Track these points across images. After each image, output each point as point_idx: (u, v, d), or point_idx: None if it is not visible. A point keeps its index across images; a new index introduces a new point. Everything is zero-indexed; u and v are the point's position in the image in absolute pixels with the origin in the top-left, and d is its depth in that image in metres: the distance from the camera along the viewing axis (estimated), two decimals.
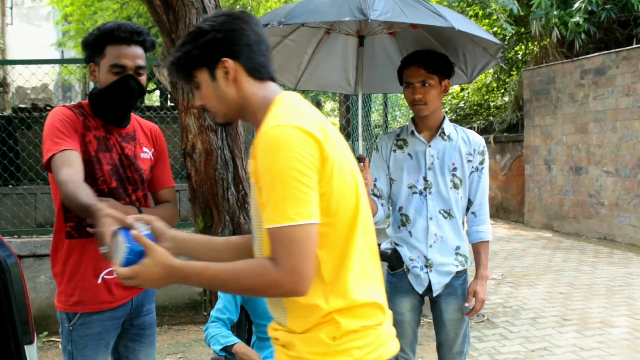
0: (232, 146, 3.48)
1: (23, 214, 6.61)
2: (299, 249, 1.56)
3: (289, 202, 1.56)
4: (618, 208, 10.51)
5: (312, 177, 1.59)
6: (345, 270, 1.70)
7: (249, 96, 1.78)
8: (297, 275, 1.57)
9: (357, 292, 1.71)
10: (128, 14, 14.98)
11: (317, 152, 1.61)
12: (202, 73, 1.80)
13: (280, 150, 1.58)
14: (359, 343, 1.70)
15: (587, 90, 11.14)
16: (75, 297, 2.54)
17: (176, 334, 5.80)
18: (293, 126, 1.61)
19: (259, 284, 1.60)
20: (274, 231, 1.58)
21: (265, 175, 1.60)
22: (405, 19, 2.62)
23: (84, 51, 2.58)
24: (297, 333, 1.73)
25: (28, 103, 10.90)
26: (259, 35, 1.79)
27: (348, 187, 1.70)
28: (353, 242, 1.71)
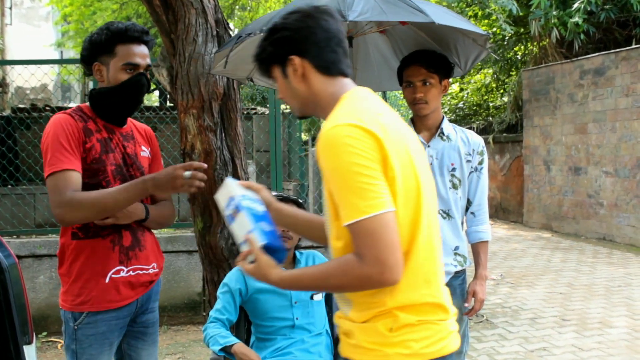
0: (232, 146, 3.48)
1: (22, 214, 6.60)
2: (378, 238, 1.59)
3: (357, 196, 1.60)
4: (617, 208, 10.52)
5: (375, 168, 1.62)
6: (409, 268, 1.71)
7: (319, 92, 1.83)
8: (381, 264, 1.60)
9: (419, 291, 1.74)
10: (127, 14, 14.98)
11: (376, 147, 1.64)
12: (276, 69, 1.88)
13: (338, 148, 1.62)
14: (416, 336, 1.72)
15: (587, 91, 11.14)
16: (82, 297, 2.55)
17: (175, 334, 5.80)
18: (350, 124, 1.64)
19: (349, 281, 1.65)
20: (352, 227, 1.62)
21: (331, 176, 1.66)
22: (385, 17, 2.63)
23: (88, 51, 2.59)
24: (356, 322, 1.76)
25: (27, 103, 10.90)
26: (328, 32, 1.82)
27: (410, 185, 1.72)
28: (417, 240, 1.73)
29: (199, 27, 3.33)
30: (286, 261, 3.11)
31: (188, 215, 4.04)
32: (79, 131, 2.52)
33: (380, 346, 1.72)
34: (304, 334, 3.03)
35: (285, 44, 1.83)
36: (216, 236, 3.41)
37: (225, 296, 3.02)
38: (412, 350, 1.71)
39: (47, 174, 2.43)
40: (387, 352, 1.71)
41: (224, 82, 3.39)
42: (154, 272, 2.73)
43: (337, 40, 1.84)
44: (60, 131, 2.47)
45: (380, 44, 3.37)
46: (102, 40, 2.54)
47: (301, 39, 1.82)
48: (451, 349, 1.80)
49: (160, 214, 2.74)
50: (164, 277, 5.88)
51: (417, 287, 1.73)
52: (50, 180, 2.43)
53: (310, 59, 1.82)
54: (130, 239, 2.62)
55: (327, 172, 1.67)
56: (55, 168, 2.42)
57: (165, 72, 3.56)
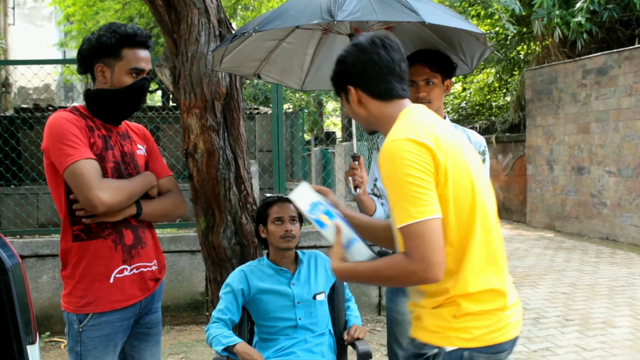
0: (234, 146, 3.48)
1: (25, 214, 6.62)
2: (424, 241, 1.81)
3: (409, 203, 1.84)
4: (620, 208, 10.50)
5: (426, 179, 1.86)
6: (466, 261, 1.94)
7: (377, 115, 2.12)
8: (426, 263, 1.81)
9: (478, 281, 1.95)
10: (130, 14, 15.00)
11: (430, 159, 1.88)
12: (342, 94, 2.21)
13: (395, 160, 1.88)
14: (476, 324, 1.95)
15: (589, 90, 11.12)
16: (86, 299, 2.55)
17: (178, 334, 5.80)
18: (406, 139, 1.89)
19: (397, 275, 1.90)
20: (403, 230, 1.85)
21: (387, 184, 1.91)
22: (375, 16, 2.63)
23: (91, 51, 2.60)
24: (427, 308, 2.00)
25: (30, 103, 10.92)
26: (380, 65, 2.08)
27: (464, 187, 1.94)
28: (473, 236, 1.95)
29: (202, 27, 3.34)
30: (288, 260, 3.11)
31: (191, 215, 4.05)
32: (84, 126, 2.54)
33: (443, 329, 1.96)
34: (307, 334, 3.03)
35: (343, 76, 2.16)
36: (219, 236, 3.41)
37: (227, 296, 3.03)
38: (472, 335, 1.94)
39: (68, 163, 2.42)
40: (449, 335, 1.95)
41: (226, 81, 3.39)
42: (157, 269, 2.74)
43: (387, 71, 2.08)
44: (68, 125, 2.49)
45: None
46: (111, 43, 2.56)
47: (355, 72, 2.11)
48: (508, 337, 2.00)
49: (158, 207, 2.73)
50: (166, 277, 5.87)
51: (475, 276, 1.95)
52: (73, 168, 2.42)
53: (363, 89, 2.11)
54: (132, 237, 2.62)
55: (385, 181, 1.91)
56: (77, 157, 2.43)
57: (167, 71, 3.56)
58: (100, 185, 2.43)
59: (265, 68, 3.42)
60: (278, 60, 3.39)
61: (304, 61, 3.49)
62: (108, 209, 2.47)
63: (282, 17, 2.76)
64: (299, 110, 14.86)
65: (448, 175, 1.89)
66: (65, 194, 2.52)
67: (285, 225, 3.06)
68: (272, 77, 3.53)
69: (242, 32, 2.86)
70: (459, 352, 1.95)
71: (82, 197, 2.44)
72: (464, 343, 1.94)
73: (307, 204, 2.17)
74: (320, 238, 6.08)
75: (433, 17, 2.67)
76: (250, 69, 3.40)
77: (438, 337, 1.97)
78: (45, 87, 11.92)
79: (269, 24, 2.75)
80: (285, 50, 3.36)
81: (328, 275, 3.18)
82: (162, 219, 2.79)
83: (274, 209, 3.09)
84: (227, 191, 3.39)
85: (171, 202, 2.78)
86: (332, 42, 3.39)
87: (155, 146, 2.90)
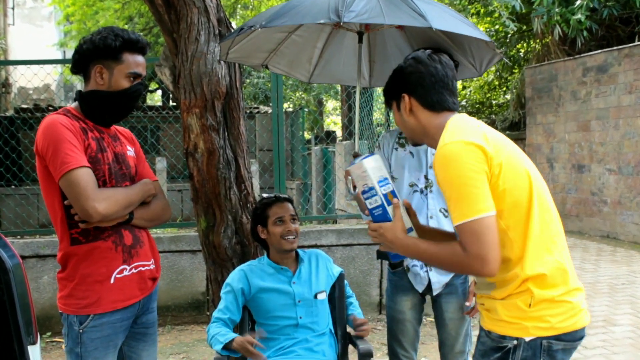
0: (235, 146, 3.48)
1: (26, 214, 6.62)
2: (480, 238, 1.95)
3: (464, 203, 1.97)
4: (621, 206, 10.50)
5: (479, 178, 1.98)
6: (529, 244, 2.04)
7: (426, 125, 2.24)
8: (481, 260, 1.95)
9: (544, 261, 2.05)
10: (129, 13, 15.00)
11: (482, 156, 2.00)
12: (394, 103, 2.33)
13: (450, 162, 2.00)
14: (552, 312, 2.03)
15: (590, 88, 11.12)
16: (87, 300, 2.55)
17: (179, 333, 5.81)
18: (457, 141, 2.02)
19: (453, 265, 2.09)
20: (459, 227, 1.98)
21: (443, 185, 2.03)
22: (383, 19, 2.63)
23: (90, 51, 2.61)
24: (498, 299, 2.08)
25: (30, 103, 10.93)
26: (435, 77, 2.22)
27: (520, 177, 2.06)
28: (532, 219, 2.05)
29: (201, 26, 3.34)
30: (289, 259, 3.11)
31: (191, 215, 4.06)
32: (78, 130, 2.54)
33: (520, 320, 2.03)
34: (308, 333, 3.03)
35: (399, 84, 2.28)
36: (220, 235, 3.41)
37: (227, 296, 3.03)
38: (549, 324, 2.02)
39: (64, 171, 2.42)
40: (526, 325, 2.02)
41: (226, 81, 3.39)
42: (154, 268, 2.75)
43: (442, 84, 2.22)
44: (64, 130, 2.48)
45: (398, 38, 3.37)
46: (115, 46, 2.59)
47: (412, 81, 2.23)
48: (583, 324, 2.08)
49: (148, 212, 2.75)
50: (167, 276, 5.89)
51: (540, 257, 2.04)
52: (70, 177, 2.42)
53: (416, 97, 2.22)
54: (130, 237, 2.64)
55: (442, 183, 2.04)
56: (73, 165, 2.43)
57: (167, 71, 3.56)
58: (97, 195, 2.44)
59: (273, 59, 3.42)
60: (287, 52, 3.40)
61: (313, 54, 3.48)
62: (103, 219, 2.49)
63: (289, 14, 2.75)
64: (299, 109, 14.87)
65: (502, 167, 2.01)
66: (61, 199, 2.52)
67: (287, 225, 3.06)
68: (279, 69, 3.54)
69: (249, 25, 2.86)
70: (538, 341, 2.03)
71: (79, 207, 2.45)
72: (541, 332, 2.03)
73: (378, 176, 2.26)
74: (320, 237, 6.08)
75: (441, 22, 2.65)
76: (258, 59, 3.41)
77: (516, 328, 2.04)
78: (45, 87, 11.93)
79: (275, 20, 2.74)
80: (294, 42, 3.35)
81: (329, 274, 3.18)
82: (150, 224, 2.79)
83: (274, 209, 3.08)
84: (227, 190, 3.39)
85: (159, 207, 2.81)
86: (342, 37, 3.39)
87: (142, 151, 2.93)
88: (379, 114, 9.53)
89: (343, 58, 3.53)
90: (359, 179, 2.29)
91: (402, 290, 3.21)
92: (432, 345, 5.10)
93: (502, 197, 2.01)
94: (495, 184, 2.00)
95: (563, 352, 2.07)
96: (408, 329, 3.22)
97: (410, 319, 3.21)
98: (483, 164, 1.99)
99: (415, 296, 3.19)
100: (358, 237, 6.18)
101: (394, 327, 3.25)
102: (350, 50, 3.49)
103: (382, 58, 3.49)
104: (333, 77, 3.77)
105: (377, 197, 2.25)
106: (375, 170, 2.27)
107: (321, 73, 3.60)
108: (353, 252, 6.19)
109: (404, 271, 3.18)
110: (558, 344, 2.05)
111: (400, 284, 3.20)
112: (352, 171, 2.32)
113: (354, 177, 2.32)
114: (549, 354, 2.05)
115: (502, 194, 2.01)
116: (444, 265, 2.20)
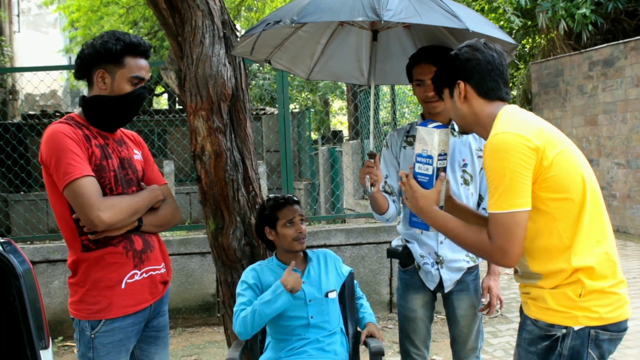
0: (242, 147, 3.48)
1: (35, 220, 6.65)
2: (507, 232, 2.04)
3: (504, 194, 2.03)
4: (630, 200, 10.45)
5: (524, 173, 2.03)
6: (580, 235, 2.09)
7: (478, 112, 2.25)
8: (503, 252, 2.06)
9: (592, 252, 2.09)
10: (134, 18, 15.04)
11: (533, 152, 2.04)
12: (446, 90, 2.33)
13: (500, 152, 2.05)
14: (601, 302, 2.08)
15: (596, 82, 11.08)
16: (99, 305, 2.56)
17: (190, 335, 5.82)
18: (511, 132, 2.06)
19: (476, 248, 2.18)
20: (492, 216, 2.07)
21: (489, 171, 2.09)
22: (420, 19, 2.60)
23: (92, 56, 2.60)
24: (546, 289, 2.12)
25: (37, 110, 10.98)
26: (492, 64, 2.23)
27: (574, 169, 2.11)
28: (584, 213, 2.10)
29: (206, 29, 3.34)
30: (297, 259, 3.11)
31: (200, 217, 4.06)
32: (81, 138, 2.54)
33: (569, 309, 2.08)
34: (319, 333, 3.03)
35: (455, 71, 2.27)
36: (229, 237, 3.41)
37: (247, 291, 3.02)
38: (598, 314, 2.07)
39: (68, 181, 2.43)
40: (575, 315, 2.07)
41: (232, 83, 3.40)
42: (165, 272, 2.76)
43: (498, 72, 2.24)
44: (66, 139, 2.48)
45: (403, 37, 3.36)
46: (116, 50, 2.58)
47: (468, 68, 2.23)
48: (627, 315, 2.14)
49: (157, 218, 2.75)
50: (177, 279, 5.90)
51: (590, 249, 2.09)
52: (74, 187, 2.43)
53: (472, 84, 2.24)
54: (141, 242, 2.64)
55: (487, 169, 2.09)
56: (76, 175, 2.44)
57: (173, 74, 3.56)
58: (101, 204, 2.45)
59: (277, 54, 3.42)
60: (291, 47, 3.39)
61: (315, 50, 3.48)
62: (108, 227, 2.49)
63: (322, 10, 2.70)
64: (305, 110, 14.87)
65: (555, 161, 2.06)
66: (69, 207, 2.53)
67: (297, 227, 3.05)
68: (281, 64, 3.53)
69: (275, 20, 2.82)
70: (586, 330, 2.08)
71: (83, 217, 2.46)
72: (590, 322, 2.07)
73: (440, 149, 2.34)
74: (329, 237, 6.08)
75: (474, 24, 2.64)
76: (263, 54, 3.40)
77: (565, 317, 2.09)
78: (51, 93, 11.97)
79: (308, 16, 2.69)
80: (299, 38, 3.35)
81: (338, 274, 3.17)
82: (160, 229, 2.80)
83: (284, 212, 3.08)
84: (235, 192, 3.39)
85: (168, 212, 2.80)
86: (346, 34, 3.38)
87: (150, 154, 2.93)
88: (385, 113, 9.52)
89: (344, 55, 3.52)
90: (421, 142, 2.37)
91: (413, 289, 3.20)
92: (444, 343, 5.09)
93: (555, 188, 2.07)
94: (544, 176, 2.05)
95: (609, 343, 2.12)
96: (420, 327, 3.21)
97: (422, 317, 3.21)
98: (532, 159, 2.03)
99: (426, 294, 3.18)
100: (367, 236, 6.18)
101: (406, 326, 3.25)
102: (352, 48, 3.48)
103: (385, 57, 3.47)
104: (332, 74, 3.76)
105: (430, 167, 2.33)
106: (441, 144, 2.35)
107: (321, 70, 3.59)
108: (362, 251, 6.18)
109: (414, 269, 3.18)
110: (605, 334, 2.09)
111: (411, 282, 3.20)
112: (420, 132, 2.40)
113: (417, 137, 2.40)
114: (596, 343, 2.09)
115: (554, 185, 2.06)
116: (466, 247, 2.26)
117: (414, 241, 3.16)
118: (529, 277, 2.19)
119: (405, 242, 3.21)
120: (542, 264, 2.12)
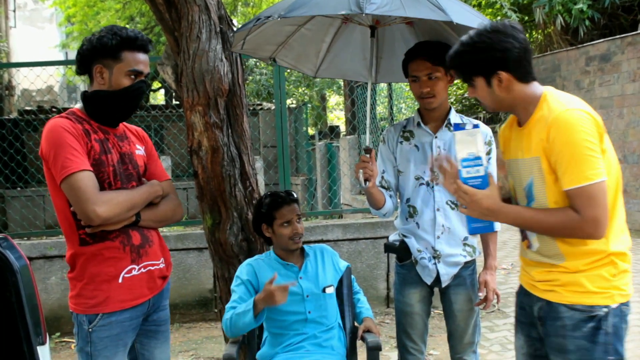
0: (239, 143, 3.48)
1: (32, 216, 6.64)
2: (597, 202, 2.06)
3: (585, 166, 2.06)
4: (626, 194, 10.47)
5: (596, 144, 2.08)
6: (615, 221, 2.18)
7: (520, 96, 2.26)
8: (596, 223, 2.08)
9: (621, 240, 2.21)
10: (130, 13, 15.00)
11: (596, 129, 2.10)
12: (480, 79, 2.27)
13: (574, 127, 2.08)
14: (625, 280, 2.22)
15: (593, 77, 11.08)
16: (95, 299, 2.56)
17: (187, 331, 5.82)
18: (578, 109, 2.12)
19: (564, 228, 2.14)
20: (575, 191, 2.08)
21: (563, 148, 2.09)
22: (403, 12, 2.60)
23: (90, 51, 2.60)
24: (580, 272, 2.18)
25: (34, 105, 10.94)
26: (524, 44, 2.22)
27: (613, 154, 2.19)
28: (619, 199, 2.19)
29: (203, 24, 3.33)
30: (294, 255, 3.11)
31: (197, 213, 4.05)
32: (81, 133, 2.54)
33: (607, 289, 2.17)
34: (317, 328, 3.03)
35: (494, 62, 2.21)
36: (226, 232, 3.41)
37: (240, 288, 3.02)
38: (625, 292, 2.21)
39: (65, 175, 2.44)
40: (612, 294, 2.18)
41: (228, 78, 3.39)
42: (164, 267, 2.75)
43: (529, 54, 2.25)
44: (65, 134, 2.49)
45: (407, 34, 3.36)
46: (112, 45, 2.58)
47: (506, 57, 2.20)
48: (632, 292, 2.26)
49: (156, 213, 2.74)
50: (174, 274, 5.90)
51: (620, 236, 2.21)
52: (71, 181, 2.44)
53: (512, 72, 2.22)
54: (139, 237, 2.64)
55: (560, 145, 2.09)
56: (74, 169, 2.44)
57: (170, 70, 3.56)
58: (97, 199, 2.45)
59: (281, 52, 3.42)
60: (295, 45, 3.39)
61: (321, 48, 3.48)
62: (104, 222, 2.50)
63: (308, 5, 2.73)
64: (302, 105, 14.85)
65: (605, 144, 2.13)
66: (68, 201, 2.53)
67: (293, 227, 3.05)
68: (287, 62, 3.54)
69: (266, 16, 2.84)
70: (619, 307, 2.20)
71: (79, 211, 2.46)
72: (622, 299, 2.20)
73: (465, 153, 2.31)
74: (326, 232, 6.08)
75: (460, 17, 2.64)
76: (267, 52, 3.41)
77: (604, 297, 2.17)
78: (48, 88, 11.94)
79: (294, 11, 2.72)
80: (303, 36, 3.35)
81: (335, 269, 3.18)
82: (159, 224, 2.80)
83: (282, 211, 3.06)
84: (232, 188, 3.39)
85: (169, 208, 2.80)
86: (350, 32, 3.38)
87: (154, 149, 2.93)
88: (382, 108, 9.51)
89: (350, 53, 3.52)
90: (464, 146, 2.32)
91: (410, 283, 3.20)
92: (441, 338, 5.10)
93: None
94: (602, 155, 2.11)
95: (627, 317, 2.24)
96: (417, 322, 3.22)
97: (419, 312, 3.21)
98: (599, 135, 2.10)
99: (423, 289, 3.19)
100: (364, 231, 6.18)
101: (403, 320, 3.25)
102: (358, 46, 3.48)
103: (389, 54, 3.48)
104: (339, 72, 3.76)
105: (481, 168, 2.30)
106: (468, 144, 2.33)
107: (328, 67, 3.59)
108: (359, 246, 6.19)
109: (412, 264, 3.18)
110: (627, 309, 2.23)
111: (408, 277, 3.20)
112: (460, 136, 2.35)
113: (458, 141, 2.33)
114: (624, 319, 2.21)
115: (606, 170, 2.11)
116: (549, 231, 2.21)
117: (411, 236, 3.16)
118: (550, 257, 2.24)
119: (402, 237, 3.21)
120: (575, 243, 2.16)
